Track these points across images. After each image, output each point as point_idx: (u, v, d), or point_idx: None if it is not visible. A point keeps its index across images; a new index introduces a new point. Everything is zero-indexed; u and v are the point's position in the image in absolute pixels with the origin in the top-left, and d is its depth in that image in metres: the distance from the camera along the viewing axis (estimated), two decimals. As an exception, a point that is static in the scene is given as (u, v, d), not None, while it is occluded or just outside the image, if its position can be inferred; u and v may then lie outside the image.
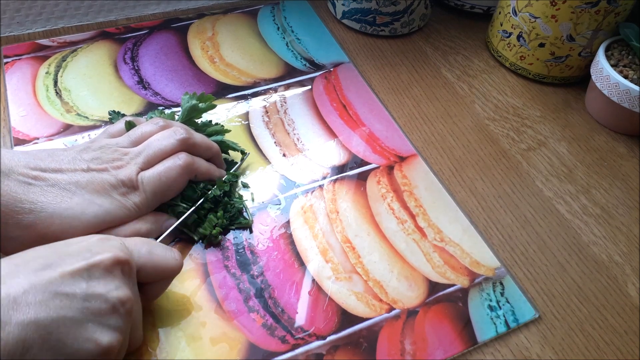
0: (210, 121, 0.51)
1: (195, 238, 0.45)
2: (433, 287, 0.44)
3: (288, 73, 0.62)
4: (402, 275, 0.45)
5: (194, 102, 0.49)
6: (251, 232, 0.47)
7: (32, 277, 0.30)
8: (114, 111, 0.53)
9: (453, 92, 0.63)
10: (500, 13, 0.65)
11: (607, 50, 0.59)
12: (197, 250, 0.45)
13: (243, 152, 0.52)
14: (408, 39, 0.69)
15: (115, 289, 0.32)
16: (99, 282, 0.32)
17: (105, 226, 0.40)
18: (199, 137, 0.46)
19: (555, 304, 0.45)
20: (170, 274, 0.38)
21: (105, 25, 0.66)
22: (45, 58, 0.60)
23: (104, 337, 0.31)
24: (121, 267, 0.33)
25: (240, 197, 0.48)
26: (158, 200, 0.43)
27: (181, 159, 0.43)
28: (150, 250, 0.37)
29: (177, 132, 0.44)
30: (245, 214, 0.48)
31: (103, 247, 0.33)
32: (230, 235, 0.46)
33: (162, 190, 0.42)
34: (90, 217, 0.39)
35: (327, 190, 0.50)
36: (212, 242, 0.45)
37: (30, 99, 0.55)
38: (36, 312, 0.28)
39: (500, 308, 0.43)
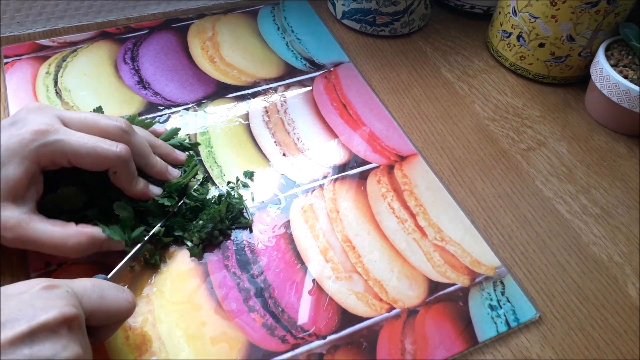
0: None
1: (189, 244, 0.45)
2: (433, 286, 0.44)
3: (288, 73, 0.62)
4: (402, 275, 0.45)
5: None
6: (251, 231, 0.47)
7: None
8: None
9: (453, 92, 0.63)
10: (500, 13, 0.65)
11: (607, 50, 0.59)
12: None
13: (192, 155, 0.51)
14: (408, 39, 0.69)
15: (62, 350, 0.29)
16: (44, 344, 0.29)
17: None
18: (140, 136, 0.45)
19: (555, 303, 0.45)
20: (122, 317, 0.36)
21: (106, 25, 0.66)
22: (46, 58, 0.60)
23: None
24: (68, 323, 0.30)
25: (240, 196, 0.48)
26: None
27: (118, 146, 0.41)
28: (102, 294, 0.34)
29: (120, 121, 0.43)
30: (245, 213, 0.48)
31: (47, 303, 0.30)
32: (231, 235, 0.46)
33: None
34: None
35: (327, 190, 0.50)
36: (211, 242, 0.45)
37: (30, 99, 0.55)
38: None
39: (500, 307, 0.43)
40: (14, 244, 0.38)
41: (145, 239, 0.43)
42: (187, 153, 0.50)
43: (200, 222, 0.45)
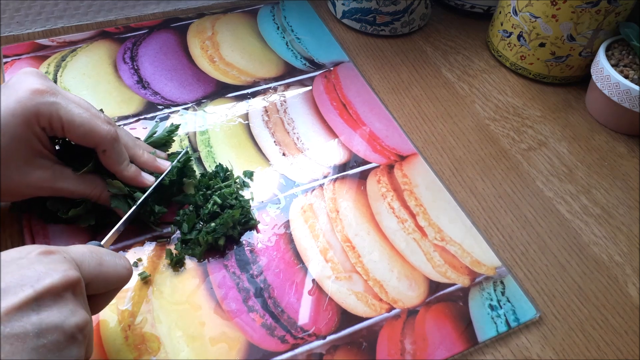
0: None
1: (196, 253, 0.44)
2: (434, 286, 0.44)
3: (288, 72, 0.62)
4: (402, 275, 0.45)
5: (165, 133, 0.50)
6: (251, 231, 0.46)
7: None
8: None
9: (453, 91, 0.63)
10: (500, 13, 0.65)
11: (607, 50, 0.59)
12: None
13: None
14: (408, 39, 0.69)
15: (71, 315, 0.28)
16: (51, 310, 0.27)
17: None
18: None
19: (555, 304, 0.45)
20: (120, 284, 0.35)
21: (105, 24, 0.65)
22: (45, 58, 0.60)
23: None
24: (72, 288, 0.29)
25: (246, 199, 0.48)
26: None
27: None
28: (100, 260, 0.33)
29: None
30: (250, 214, 0.47)
31: (48, 267, 0.29)
32: (235, 241, 0.46)
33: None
34: None
35: (327, 190, 0.50)
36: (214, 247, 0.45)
37: (29, 98, 0.55)
38: None
39: (501, 307, 0.43)
40: (48, 193, 0.41)
41: (135, 206, 0.43)
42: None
43: (212, 224, 0.44)
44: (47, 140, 0.40)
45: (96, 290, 0.33)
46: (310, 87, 0.60)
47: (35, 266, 0.28)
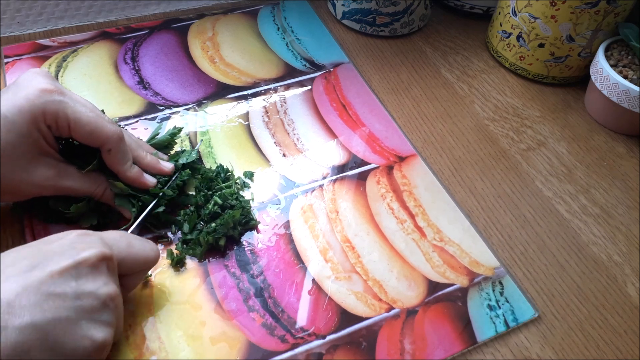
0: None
1: (196, 253, 0.45)
2: (432, 286, 0.44)
3: (288, 73, 0.62)
4: (401, 275, 0.45)
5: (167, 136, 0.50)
6: (251, 231, 0.47)
7: (22, 279, 0.30)
8: None
9: (453, 92, 0.63)
10: (499, 13, 0.65)
11: (606, 50, 0.59)
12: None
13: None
14: (408, 39, 0.69)
15: (104, 285, 0.33)
16: (87, 279, 0.32)
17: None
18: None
19: (554, 303, 0.45)
20: (148, 265, 0.39)
21: (106, 25, 0.66)
22: (46, 58, 0.60)
23: (99, 333, 0.32)
24: (107, 263, 0.34)
25: (247, 200, 0.48)
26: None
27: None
28: (129, 243, 0.37)
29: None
30: (250, 215, 0.47)
31: (86, 244, 0.34)
32: (235, 242, 0.46)
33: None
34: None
35: (327, 190, 0.51)
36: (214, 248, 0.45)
37: (30, 99, 0.55)
38: (32, 315, 0.29)
39: (499, 307, 0.44)
40: (52, 192, 0.42)
41: (155, 200, 0.44)
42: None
43: (213, 224, 0.44)
44: (52, 139, 0.41)
45: (127, 271, 0.37)
46: (310, 88, 0.60)
47: (74, 244, 0.33)
